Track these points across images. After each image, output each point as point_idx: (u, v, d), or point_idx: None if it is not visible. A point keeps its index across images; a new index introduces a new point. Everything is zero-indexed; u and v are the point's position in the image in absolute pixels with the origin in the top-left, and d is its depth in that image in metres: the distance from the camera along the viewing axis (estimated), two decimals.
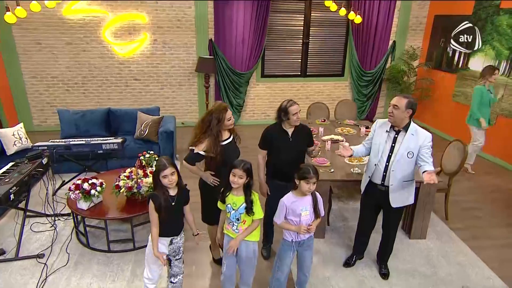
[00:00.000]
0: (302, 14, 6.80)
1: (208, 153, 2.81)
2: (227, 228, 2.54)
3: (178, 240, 2.57)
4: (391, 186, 2.79)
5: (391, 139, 2.80)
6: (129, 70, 6.65)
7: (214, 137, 2.80)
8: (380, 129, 2.90)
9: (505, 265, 3.31)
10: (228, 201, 2.47)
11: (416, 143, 2.73)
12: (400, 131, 2.77)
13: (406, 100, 2.69)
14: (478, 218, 4.09)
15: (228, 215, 2.48)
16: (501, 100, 5.49)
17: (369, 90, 7.39)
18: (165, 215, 2.39)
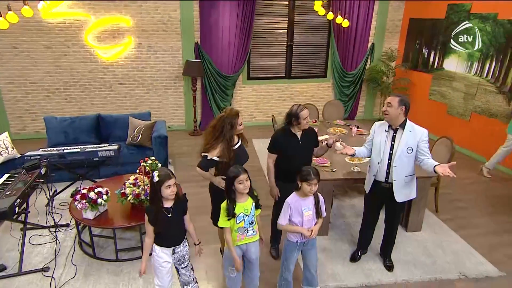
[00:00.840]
0: (286, 17, 6.95)
1: (221, 159, 2.85)
2: (241, 238, 2.53)
3: (182, 249, 2.55)
4: (395, 182, 2.96)
5: (390, 137, 2.98)
6: (113, 75, 6.50)
7: (227, 142, 2.84)
8: (379, 129, 3.07)
9: (493, 251, 3.60)
10: (239, 211, 2.47)
11: (414, 139, 2.92)
12: (398, 129, 2.96)
13: (398, 98, 2.89)
14: (463, 209, 4.39)
15: (242, 224, 2.49)
16: (475, 98, 5.91)
17: (350, 90, 7.67)
18: (162, 227, 2.38)
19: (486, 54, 5.66)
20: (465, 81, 6.07)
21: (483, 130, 5.77)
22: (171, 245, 2.49)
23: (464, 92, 6.11)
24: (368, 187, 3.14)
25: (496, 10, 5.46)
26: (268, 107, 7.48)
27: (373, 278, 3.17)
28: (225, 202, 2.50)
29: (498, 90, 5.51)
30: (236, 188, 2.42)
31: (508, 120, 5.17)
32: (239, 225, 2.49)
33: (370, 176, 3.12)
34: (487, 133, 5.66)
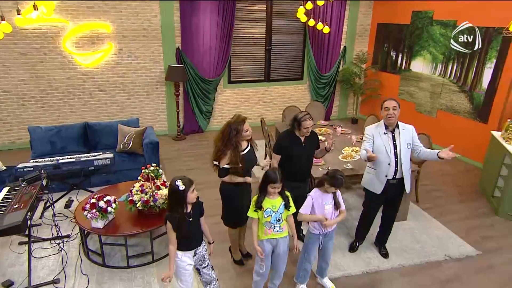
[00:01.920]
0: (264, 23, 7.18)
1: (232, 165, 2.99)
2: (268, 233, 2.72)
3: (201, 250, 2.67)
4: (405, 176, 3.25)
5: (390, 138, 3.27)
6: (93, 81, 6.38)
7: (233, 147, 2.98)
8: (376, 134, 3.28)
9: (469, 233, 4.05)
10: (266, 205, 2.66)
11: (409, 135, 3.26)
12: (394, 129, 3.27)
13: (397, 102, 3.20)
14: (440, 198, 4.86)
15: (269, 219, 2.69)
16: (440, 96, 6.48)
17: (325, 91, 8.05)
18: (185, 231, 2.49)
19: (448, 57, 6.24)
20: (431, 81, 6.64)
21: (448, 126, 6.34)
22: (193, 247, 2.61)
23: (430, 91, 6.68)
24: (380, 188, 3.31)
25: (455, 18, 6.04)
26: (249, 110, 7.66)
27: (372, 265, 3.47)
28: (255, 197, 2.69)
29: (460, 89, 6.11)
30: (268, 190, 2.61)
31: (470, 116, 5.76)
32: (266, 219, 2.68)
33: (380, 179, 3.29)
34: (453, 129, 6.24)
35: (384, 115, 3.24)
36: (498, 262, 3.59)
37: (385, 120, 3.26)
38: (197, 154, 6.26)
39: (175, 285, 2.77)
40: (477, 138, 5.79)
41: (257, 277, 2.89)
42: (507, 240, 3.95)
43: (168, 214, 2.48)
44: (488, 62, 5.58)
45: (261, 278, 2.87)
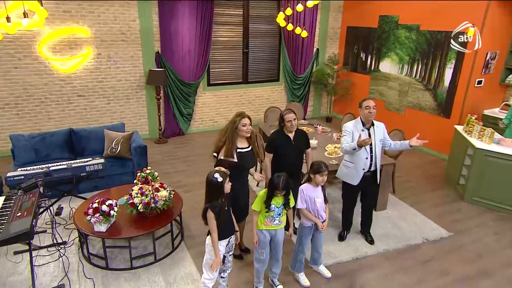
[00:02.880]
0: (241, 27, 7.38)
1: (226, 158, 3.17)
2: (268, 224, 2.96)
3: (232, 238, 2.91)
4: (378, 168, 3.61)
5: (367, 135, 3.61)
6: (71, 87, 6.28)
7: (229, 141, 3.18)
8: (355, 131, 3.59)
9: (441, 218, 4.50)
10: (273, 202, 2.90)
11: (381, 131, 3.64)
12: (370, 127, 3.61)
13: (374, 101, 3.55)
14: (413, 188, 5.31)
15: (271, 214, 2.92)
16: (407, 95, 7.01)
17: (301, 92, 8.39)
18: (224, 220, 2.71)
19: (413, 58, 6.77)
20: (399, 80, 7.16)
21: (416, 122, 6.87)
22: (229, 235, 2.82)
23: (398, 90, 7.20)
24: (357, 180, 3.65)
25: (418, 22, 6.57)
26: (228, 111, 7.83)
27: (360, 252, 3.79)
28: (264, 192, 2.90)
29: (425, 88, 6.65)
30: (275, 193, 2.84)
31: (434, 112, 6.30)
32: (269, 213, 2.90)
33: (358, 171, 3.61)
34: (420, 124, 6.77)
35: (365, 113, 3.55)
36: (467, 241, 4.04)
37: (365, 118, 3.57)
38: (181, 156, 6.35)
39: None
40: (442, 132, 6.34)
41: (258, 264, 3.10)
42: (473, 222, 4.43)
43: (209, 205, 2.65)
44: (449, 63, 6.13)
45: (261, 264, 3.09)
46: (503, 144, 4.65)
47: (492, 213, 4.63)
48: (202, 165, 5.98)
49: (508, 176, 4.49)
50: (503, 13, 5.56)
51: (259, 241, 3.00)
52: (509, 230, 4.28)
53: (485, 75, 5.94)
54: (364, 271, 3.54)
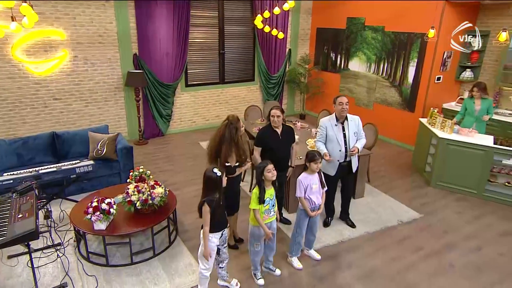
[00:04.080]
0: (217, 28, 7.57)
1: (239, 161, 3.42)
2: (265, 219, 3.18)
3: (225, 231, 3.09)
4: (352, 159, 4.00)
5: (340, 129, 3.96)
6: (47, 90, 6.18)
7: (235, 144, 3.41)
8: (329, 125, 3.95)
9: (412, 202, 4.97)
10: (266, 196, 3.11)
11: (355, 125, 3.99)
12: (344, 121, 3.96)
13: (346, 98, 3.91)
14: (384, 177, 5.77)
15: (267, 207, 3.14)
16: (375, 91, 7.54)
17: (275, 91, 8.72)
18: (219, 213, 2.89)
19: (380, 57, 7.30)
20: (367, 78, 7.67)
21: (384, 116, 7.41)
22: (223, 228, 2.99)
23: (366, 87, 7.71)
24: (334, 171, 4.00)
25: (383, 24, 7.10)
26: (206, 111, 8.00)
27: (344, 236, 4.14)
28: (256, 190, 3.10)
29: (391, 85, 7.19)
30: (265, 177, 3.05)
31: (400, 106, 6.84)
32: (266, 207, 3.13)
33: (334, 162, 3.96)
34: (387, 119, 7.31)
35: (338, 109, 3.89)
36: (435, 221, 4.52)
37: (338, 113, 3.92)
38: (163, 156, 6.44)
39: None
40: (407, 125, 6.90)
41: (254, 255, 3.33)
42: (439, 204, 4.94)
43: (206, 199, 2.81)
44: (411, 61, 6.69)
45: (257, 255, 3.33)
46: (461, 133, 5.21)
47: (454, 195, 5.18)
48: (185, 164, 6.12)
49: (467, 161, 5.05)
50: (456, 14, 6.16)
51: (255, 235, 3.21)
52: (469, 209, 4.83)
53: (443, 72, 6.55)
54: (349, 251, 3.89)
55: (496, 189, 5.07)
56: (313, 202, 3.45)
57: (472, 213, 4.72)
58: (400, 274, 3.56)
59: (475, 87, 5.29)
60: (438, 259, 3.80)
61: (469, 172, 5.08)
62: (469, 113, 5.43)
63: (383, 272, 3.58)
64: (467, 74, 6.67)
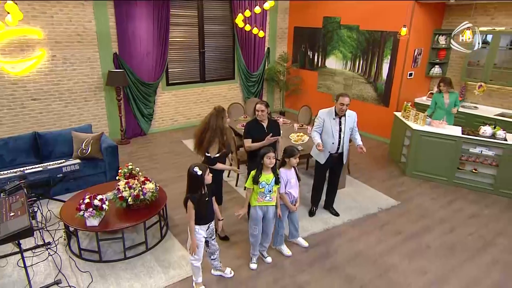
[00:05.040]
0: (197, 27, 7.64)
1: (221, 152, 3.54)
2: (260, 200, 3.34)
3: (212, 224, 3.18)
4: (344, 151, 4.22)
5: (337, 123, 4.16)
6: (24, 90, 6.04)
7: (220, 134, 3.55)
8: (327, 118, 4.15)
9: (389, 190, 5.26)
10: (262, 179, 3.27)
11: (352, 121, 4.21)
12: (342, 116, 4.18)
13: (349, 97, 4.11)
14: (363, 168, 6.06)
15: (262, 190, 3.30)
16: (352, 88, 7.85)
17: (255, 88, 8.88)
18: (203, 208, 2.99)
19: (355, 55, 7.61)
20: (343, 75, 7.97)
21: (360, 111, 7.65)
22: (208, 221, 3.09)
23: (343, 84, 8.01)
24: (324, 159, 4.21)
25: (358, 23, 7.41)
26: (187, 110, 8.04)
27: (329, 224, 4.36)
28: (254, 171, 3.26)
29: (366, 81, 7.52)
30: (264, 162, 3.20)
31: (376, 102, 7.18)
32: (261, 190, 3.28)
33: (325, 152, 4.17)
34: (364, 114, 7.61)
35: (338, 107, 4.08)
36: (412, 207, 4.83)
37: (338, 110, 4.12)
38: (147, 155, 6.45)
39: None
40: (383, 119, 7.25)
41: (253, 238, 3.49)
42: (414, 191, 5.27)
43: (189, 195, 2.91)
44: (385, 58, 7.04)
45: (256, 239, 3.48)
46: (433, 125, 5.56)
47: (428, 183, 5.53)
48: (169, 162, 6.16)
49: (438, 151, 5.40)
50: (425, 14, 6.55)
51: (252, 217, 3.36)
52: (442, 195, 5.18)
53: (414, 69, 6.94)
54: (335, 238, 4.10)
55: (465, 176, 5.46)
56: (292, 196, 3.60)
57: (445, 198, 5.07)
58: (382, 256, 3.81)
59: (441, 82, 5.67)
60: (416, 241, 4.08)
61: (440, 161, 5.44)
62: (439, 107, 5.79)
63: (367, 255, 3.81)
64: (436, 70, 7.09)
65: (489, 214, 4.70)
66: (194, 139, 3.68)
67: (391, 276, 3.50)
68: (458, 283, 3.44)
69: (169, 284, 3.31)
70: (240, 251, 3.76)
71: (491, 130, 5.17)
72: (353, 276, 3.51)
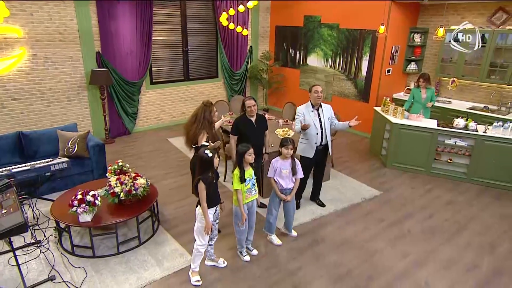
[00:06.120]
0: (180, 26, 7.67)
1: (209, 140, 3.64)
2: (248, 197, 3.44)
3: (218, 208, 3.32)
4: (329, 142, 4.39)
5: (316, 114, 4.35)
6: (4, 90, 5.92)
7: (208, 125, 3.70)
8: (306, 111, 4.33)
9: (372, 181, 5.50)
10: (247, 175, 3.38)
11: (328, 111, 4.41)
12: (318, 108, 4.36)
13: (320, 86, 4.30)
14: (347, 161, 6.29)
15: (249, 186, 3.41)
16: (333, 84, 8.09)
17: (238, 87, 8.98)
18: (213, 189, 3.12)
19: (336, 53, 7.85)
20: (324, 72, 8.20)
21: (342, 108, 7.95)
22: (217, 203, 3.21)
23: (325, 81, 8.24)
24: (312, 153, 4.36)
25: (337, 21, 7.65)
26: (172, 108, 8.06)
27: (316, 214, 4.53)
28: (237, 171, 3.34)
29: (347, 78, 7.77)
30: (245, 160, 3.32)
31: (356, 98, 7.43)
32: (247, 186, 3.38)
33: (312, 145, 4.32)
34: (345, 109, 7.87)
35: (314, 97, 4.28)
36: (393, 196, 5.08)
37: (314, 101, 4.30)
38: (133, 154, 6.45)
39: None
40: (363, 115, 7.47)
41: (239, 234, 3.58)
42: (395, 182, 5.52)
43: (201, 177, 3.01)
44: (364, 55, 7.30)
45: (242, 234, 3.58)
46: (411, 118, 5.84)
47: (408, 174, 5.81)
48: (157, 160, 6.19)
49: (416, 143, 5.68)
50: (401, 13, 6.85)
51: (238, 215, 3.45)
52: (420, 184, 5.46)
53: (392, 66, 7.23)
54: (322, 227, 4.28)
55: (441, 166, 5.77)
56: (281, 185, 3.73)
57: (424, 187, 5.35)
58: (367, 242, 4.01)
59: (420, 78, 5.96)
60: (398, 227, 4.32)
61: (418, 152, 5.72)
62: (417, 101, 6.09)
63: (353, 242, 4.01)
64: (412, 67, 7.42)
65: (463, 200, 5.01)
66: (184, 130, 3.80)
67: (376, 261, 3.71)
68: (436, 263, 3.68)
69: (164, 276, 3.38)
70: (231, 243, 3.86)
71: (464, 122, 5.49)
72: (341, 262, 3.68)
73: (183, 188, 5.11)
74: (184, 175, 5.54)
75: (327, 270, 3.55)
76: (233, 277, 3.43)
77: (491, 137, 5.25)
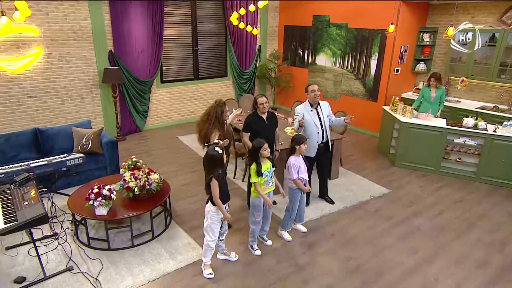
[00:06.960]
0: (190, 25, 7.78)
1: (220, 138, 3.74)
2: (265, 188, 3.52)
3: (228, 205, 3.38)
4: (329, 139, 4.47)
5: (315, 113, 4.41)
6: (20, 88, 6.08)
7: (220, 125, 3.80)
8: (305, 112, 4.38)
9: (380, 180, 5.54)
10: (264, 169, 3.46)
11: (326, 109, 4.48)
12: (317, 106, 4.42)
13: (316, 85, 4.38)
14: (355, 160, 6.33)
15: (266, 178, 3.49)
16: (341, 84, 8.12)
17: (247, 86, 9.07)
18: (222, 186, 3.20)
19: (344, 52, 7.89)
20: (333, 72, 8.24)
21: (350, 107, 8.00)
22: (228, 200, 3.29)
23: (333, 80, 8.28)
24: (314, 152, 4.43)
25: (346, 21, 7.69)
26: (181, 107, 8.17)
27: (325, 211, 4.59)
28: (254, 166, 3.42)
29: (355, 77, 7.81)
30: (261, 155, 3.39)
31: (365, 97, 7.47)
32: (264, 179, 3.46)
33: (313, 144, 4.38)
34: (353, 109, 7.91)
35: (312, 96, 4.35)
36: (402, 194, 5.11)
37: (312, 100, 4.36)
38: (144, 151, 6.57)
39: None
40: (372, 114, 7.54)
41: (254, 225, 3.67)
42: (404, 180, 5.56)
43: (214, 174, 3.09)
44: (373, 55, 7.33)
45: (257, 226, 3.67)
46: (420, 117, 5.86)
47: (416, 172, 5.83)
48: (168, 157, 6.30)
49: (425, 142, 5.71)
50: (410, 12, 6.87)
51: (256, 206, 3.55)
52: (429, 183, 5.48)
53: (401, 65, 7.25)
54: (331, 224, 4.34)
55: (450, 165, 5.78)
56: (304, 180, 3.82)
57: (432, 186, 5.38)
58: (376, 239, 4.06)
59: (432, 77, 5.98)
60: (406, 225, 4.36)
61: (427, 151, 5.75)
62: (426, 100, 6.11)
63: (361, 238, 4.06)
64: (421, 66, 7.43)
65: (473, 199, 5.02)
66: (197, 129, 3.90)
67: (385, 256, 3.75)
68: (446, 259, 3.72)
69: (178, 268, 3.47)
70: (243, 237, 3.95)
71: (473, 122, 5.50)
72: (350, 256, 3.74)
73: (194, 185, 5.20)
74: (195, 172, 5.64)
75: (337, 265, 3.61)
76: (245, 270, 3.51)
77: (501, 136, 5.25)
